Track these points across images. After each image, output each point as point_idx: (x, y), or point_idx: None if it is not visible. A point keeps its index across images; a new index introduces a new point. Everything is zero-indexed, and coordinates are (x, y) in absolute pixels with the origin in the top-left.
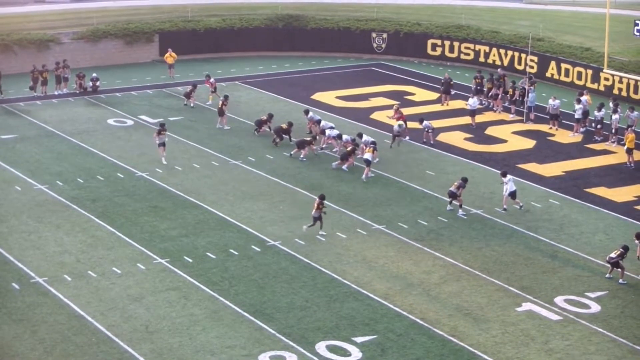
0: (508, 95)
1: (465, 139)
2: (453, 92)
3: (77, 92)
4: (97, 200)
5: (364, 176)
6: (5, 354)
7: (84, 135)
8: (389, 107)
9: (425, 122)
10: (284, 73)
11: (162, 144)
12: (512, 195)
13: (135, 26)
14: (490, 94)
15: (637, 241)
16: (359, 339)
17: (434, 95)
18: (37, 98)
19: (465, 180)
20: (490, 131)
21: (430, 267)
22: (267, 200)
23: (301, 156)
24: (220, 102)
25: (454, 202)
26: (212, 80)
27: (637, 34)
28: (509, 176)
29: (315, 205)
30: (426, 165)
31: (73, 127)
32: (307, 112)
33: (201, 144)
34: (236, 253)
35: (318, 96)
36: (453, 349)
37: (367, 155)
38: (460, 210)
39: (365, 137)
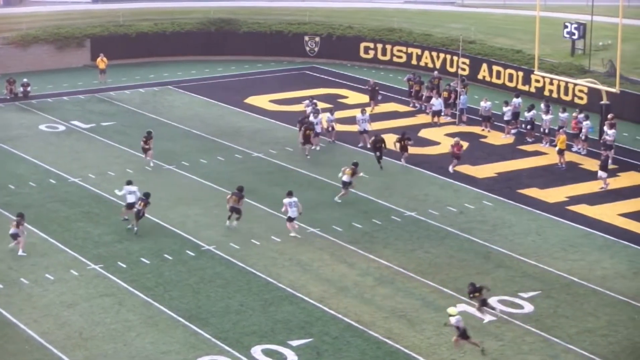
0: (442, 98)
1: (398, 141)
2: (380, 96)
3: (8, 97)
4: (29, 206)
5: (337, 197)
6: None
7: (15, 141)
8: (323, 110)
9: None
10: (216, 77)
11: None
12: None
13: (66, 31)
14: (424, 96)
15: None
16: (295, 342)
17: (367, 98)
18: None
19: (356, 164)
20: (424, 133)
21: (364, 270)
22: (201, 205)
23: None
24: (142, 140)
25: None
26: None
27: (567, 36)
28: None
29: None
30: (360, 168)
31: (4, 133)
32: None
33: (134, 149)
34: (170, 258)
35: (251, 100)
36: (388, 351)
37: (345, 177)
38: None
39: None
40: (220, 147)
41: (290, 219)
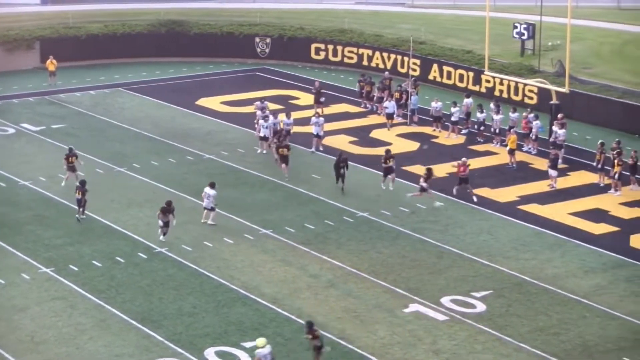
0: (394, 99)
1: (350, 142)
2: (323, 99)
3: None
4: None
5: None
6: None
7: None
8: (275, 111)
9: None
10: (168, 79)
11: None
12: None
13: (15, 33)
14: (375, 97)
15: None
16: (248, 344)
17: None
18: None
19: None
20: (375, 134)
21: (317, 271)
22: (153, 207)
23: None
24: (78, 191)
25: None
26: None
27: (516, 36)
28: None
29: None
30: (312, 169)
31: None
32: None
33: (85, 151)
34: (122, 260)
35: (203, 102)
36: (342, 352)
37: (422, 182)
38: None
39: None
40: (172, 149)
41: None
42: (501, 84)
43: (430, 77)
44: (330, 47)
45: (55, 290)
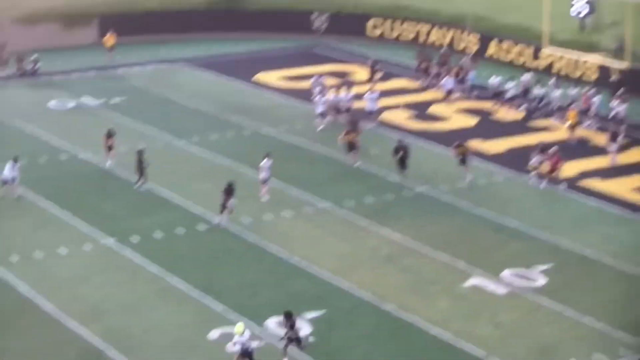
0: (452, 74)
1: (409, 117)
2: (379, 74)
3: (17, 74)
4: (42, 181)
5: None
6: None
7: (25, 118)
8: (333, 86)
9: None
10: (225, 54)
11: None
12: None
13: (74, 8)
14: (433, 72)
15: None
16: (308, 315)
17: (378, 75)
18: None
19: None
20: (433, 109)
21: (377, 244)
22: (212, 180)
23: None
24: (137, 156)
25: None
26: None
27: (577, 12)
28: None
29: None
30: (369, 144)
31: (14, 110)
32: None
33: (145, 125)
34: (183, 232)
35: (261, 77)
36: (402, 324)
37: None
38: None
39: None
40: (230, 123)
41: (264, 182)
42: (560, 60)
43: (489, 53)
44: (388, 22)
45: (117, 261)
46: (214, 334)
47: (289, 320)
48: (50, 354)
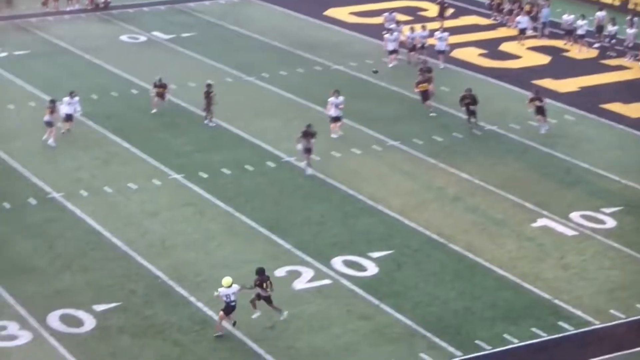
0: (525, 12)
1: (480, 54)
2: (450, 11)
3: (89, 8)
4: (111, 116)
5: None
6: (25, 267)
7: (96, 52)
8: (403, 23)
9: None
10: None
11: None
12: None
13: None
14: (506, 9)
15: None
16: (375, 254)
17: (448, 12)
18: (49, 14)
19: None
20: (505, 47)
21: (445, 183)
22: (281, 117)
23: None
24: (205, 92)
25: None
26: None
27: None
28: None
29: None
30: (439, 83)
31: (85, 43)
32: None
33: (214, 60)
34: (251, 169)
35: (331, 12)
36: (468, 264)
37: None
38: None
39: None
40: (300, 59)
41: (335, 119)
42: None
43: None
44: None
45: (185, 197)
46: (281, 271)
47: (261, 277)
48: (118, 288)
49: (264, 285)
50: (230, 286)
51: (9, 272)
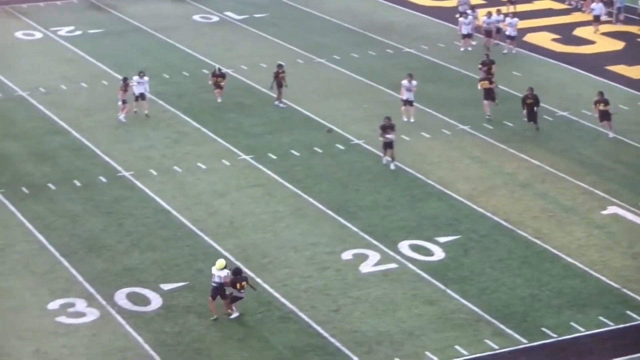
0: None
1: (553, 39)
2: None
3: None
4: (182, 96)
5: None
6: (94, 245)
7: (169, 31)
8: (477, 6)
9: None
10: None
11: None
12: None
13: None
14: None
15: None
16: (442, 239)
17: None
18: None
19: None
20: (579, 32)
21: (514, 169)
22: (351, 99)
23: None
24: (275, 73)
25: None
26: None
27: None
28: None
29: None
30: (510, 68)
31: (158, 22)
32: None
33: (286, 41)
34: (320, 151)
35: None
36: (536, 251)
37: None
38: None
39: None
40: (372, 41)
41: (407, 103)
42: None
43: None
44: None
45: (254, 178)
46: (347, 254)
47: (236, 277)
48: (186, 267)
49: (238, 285)
50: (222, 269)
51: (78, 250)
